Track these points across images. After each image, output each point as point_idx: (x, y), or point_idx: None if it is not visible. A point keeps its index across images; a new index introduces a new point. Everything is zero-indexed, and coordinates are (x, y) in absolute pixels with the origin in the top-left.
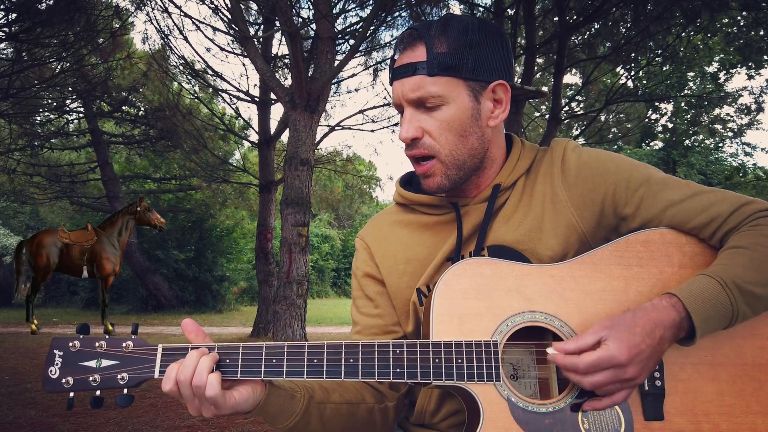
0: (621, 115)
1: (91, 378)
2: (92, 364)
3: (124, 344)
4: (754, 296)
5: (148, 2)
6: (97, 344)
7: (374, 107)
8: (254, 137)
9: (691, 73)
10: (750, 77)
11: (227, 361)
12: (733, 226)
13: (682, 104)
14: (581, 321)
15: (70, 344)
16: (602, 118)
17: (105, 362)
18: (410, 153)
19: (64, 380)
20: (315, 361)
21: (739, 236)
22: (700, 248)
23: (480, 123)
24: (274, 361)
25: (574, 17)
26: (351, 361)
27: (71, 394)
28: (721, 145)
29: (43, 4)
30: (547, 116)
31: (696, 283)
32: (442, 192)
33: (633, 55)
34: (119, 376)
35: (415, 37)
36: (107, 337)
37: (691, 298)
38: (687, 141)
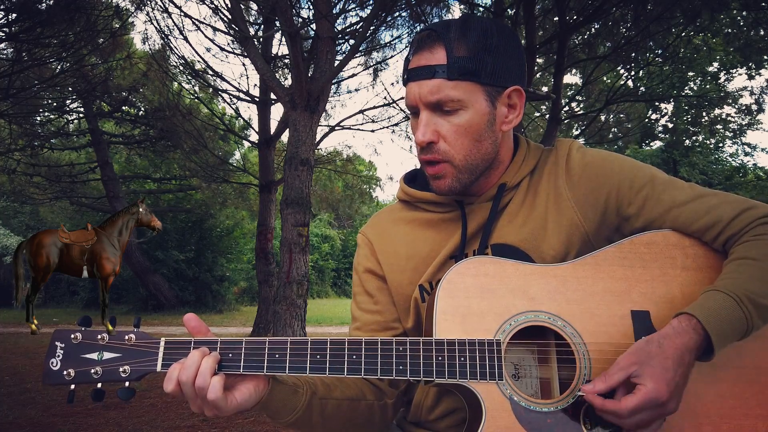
0: (621, 115)
1: (92, 370)
2: (94, 356)
3: (126, 337)
4: (766, 309)
5: (148, 2)
6: (99, 337)
7: (374, 107)
8: (254, 137)
9: (692, 73)
10: (750, 77)
11: (230, 355)
12: (735, 231)
13: (683, 104)
14: (584, 321)
15: (72, 336)
16: (602, 118)
17: (107, 355)
18: (424, 157)
19: (65, 372)
20: (318, 357)
21: (746, 246)
22: (704, 251)
23: (494, 128)
24: (277, 356)
25: (574, 17)
26: (354, 357)
27: (72, 387)
28: (721, 145)
29: (43, 4)
30: (547, 116)
31: (711, 300)
32: (452, 194)
33: (633, 55)
34: (121, 369)
35: (434, 38)
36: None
37: (710, 318)
38: (687, 141)
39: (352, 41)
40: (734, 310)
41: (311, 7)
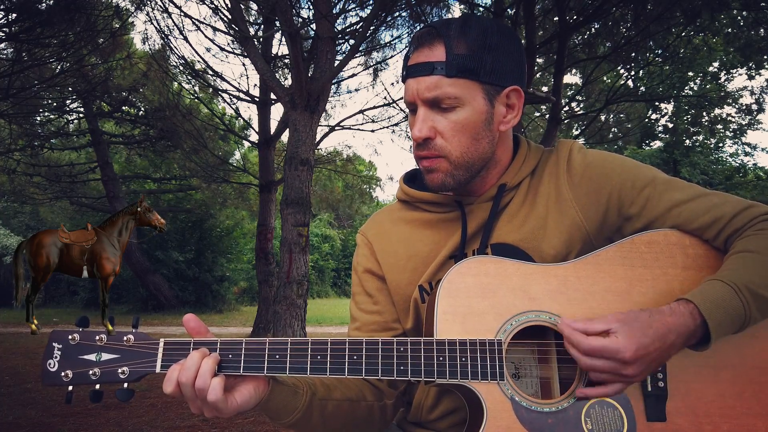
0: (621, 115)
1: (90, 372)
2: (92, 357)
3: (124, 338)
4: (765, 300)
5: (148, 2)
6: (97, 337)
7: (374, 107)
8: (254, 137)
9: (691, 73)
10: (750, 77)
11: (230, 356)
12: (736, 228)
13: (683, 104)
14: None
15: (70, 337)
16: (602, 118)
17: (105, 356)
18: (420, 153)
19: (63, 374)
20: (318, 357)
21: (747, 240)
22: (704, 250)
23: (492, 127)
24: (277, 357)
25: (574, 17)
26: (355, 358)
27: (70, 388)
28: (721, 145)
29: (43, 4)
30: (547, 116)
31: (710, 288)
32: (445, 190)
33: (633, 55)
34: (119, 370)
35: (434, 35)
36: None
37: (707, 305)
38: (687, 141)
39: (352, 41)
40: (732, 299)
41: (311, 7)
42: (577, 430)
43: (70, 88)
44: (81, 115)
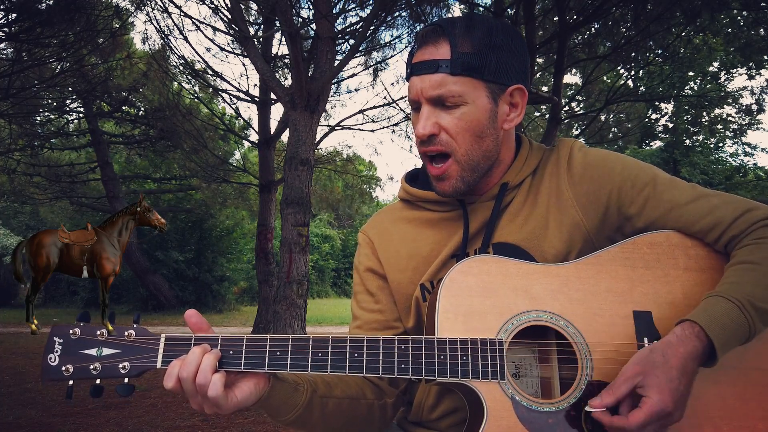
0: (621, 115)
1: (91, 366)
2: (93, 352)
3: (126, 333)
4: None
5: (148, 2)
6: (98, 332)
7: (374, 107)
8: (254, 137)
9: (691, 73)
10: (750, 77)
11: (231, 352)
12: (737, 233)
13: (683, 104)
14: (586, 321)
15: (71, 332)
16: (602, 118)
17: (106, 351)
18: (425, 149)
19: (63, 368)
20: (319, 354)
21: (748, 250)
22: (706, 252)
23: (496, 125)
24: (278, 353)
25: (574, 17)
26: (356, 355)
27: (70, 383)
28: (721, 145)
29: (43, 4)
30: (547, 116)
31: (713, 306)
32: (457, 196)
33: (633, 55)
34: (120, 365)
35: (439, 33)
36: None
37: (713, 326)
38: (687, 141)
39: (352, 41)
40: (737, 316)
41: (311, 7)
42: (578, 431)
43: (70, 88)
44: (81, 115)
